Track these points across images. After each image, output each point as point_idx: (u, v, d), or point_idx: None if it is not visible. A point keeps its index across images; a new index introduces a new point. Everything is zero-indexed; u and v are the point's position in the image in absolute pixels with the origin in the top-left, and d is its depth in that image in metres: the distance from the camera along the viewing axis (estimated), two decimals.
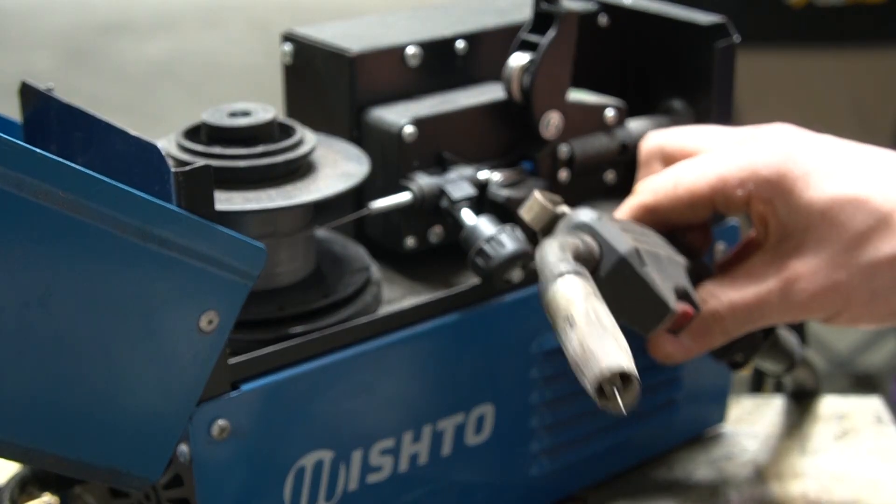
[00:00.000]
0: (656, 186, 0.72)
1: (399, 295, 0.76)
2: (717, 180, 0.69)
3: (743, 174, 0.69)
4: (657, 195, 0.71)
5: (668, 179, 0.71)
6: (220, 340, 0.64)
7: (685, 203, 0.71)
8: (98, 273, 0.58)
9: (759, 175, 0.68)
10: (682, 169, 0.71)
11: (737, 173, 0.69)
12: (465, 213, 0.74)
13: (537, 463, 0.81)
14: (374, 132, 0.77)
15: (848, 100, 2.03)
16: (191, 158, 0.69)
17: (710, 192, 0.70)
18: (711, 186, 0.70)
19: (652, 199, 0.72)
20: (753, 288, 0.69)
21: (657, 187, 0.72)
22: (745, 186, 0.69)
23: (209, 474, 0.67)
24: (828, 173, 0.68)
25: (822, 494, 0.85)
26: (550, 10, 0.77)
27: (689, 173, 0.71)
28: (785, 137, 0.71)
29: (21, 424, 0.59)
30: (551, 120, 0.79)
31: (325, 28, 0.81)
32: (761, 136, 0.72)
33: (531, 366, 0.78)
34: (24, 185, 0.54)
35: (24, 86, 0.68)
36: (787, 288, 0.68)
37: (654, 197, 0.72)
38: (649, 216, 0.72)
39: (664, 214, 0.72)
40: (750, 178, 0.68)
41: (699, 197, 0.70)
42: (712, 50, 0.82)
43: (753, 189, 0.68)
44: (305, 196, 0.69)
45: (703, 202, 0.71)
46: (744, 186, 0.69)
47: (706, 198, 0.70)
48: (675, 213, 0.71)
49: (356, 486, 0.73)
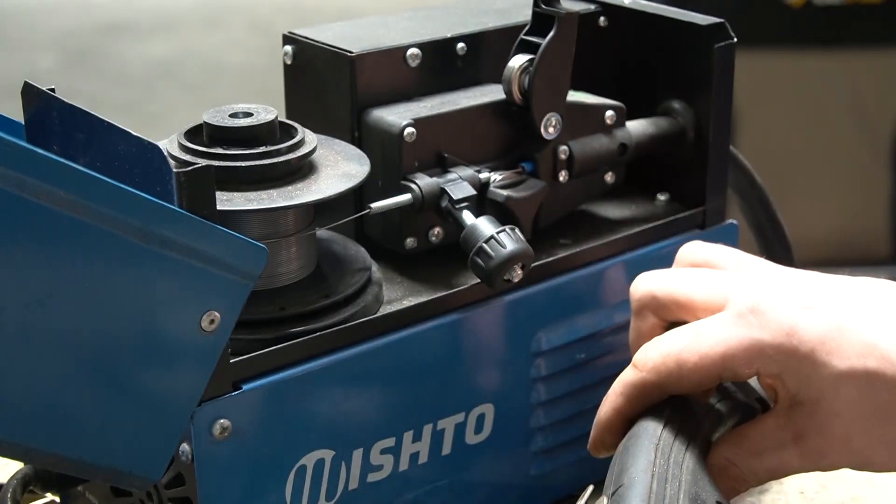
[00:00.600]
0: (658, 366, 0.70)
1: (399, 295, 0.76)
2: (723, 361, 0.68)
3: (748, 354, 0.67)
4: (660, 375, 0.70)
5: (669, 359, 0.69)
6: (221, 340, 0.64)
7: (692, 383, 0.70)
8: (99, 273, 0.59)
9: (764, 355, 0.67)
10: (683, 347, 0.69)
11: (742, 354, 0.67)
12: (465, 214, 0.75)
13: (537, 462, 0.81)
14: (375, 133, 0.77)
15: (847, 100, 2.03)
16: (192, 159, 0.69)
17: (716, 373, 0.69)
18: (717, 367, 0.68)
19: (655, 378, 0.70)
20: (772, 456, 0.69)
21: (660, 368, 0.70)
22: (752, 366, 0.67)
23: (211, 474, 0.67)
24: (835, 346, 0.66)
25: (820, 493, 0.85)
26: (550, 12, 0.78)
27: (691, 353, 0.69)
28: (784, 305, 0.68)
29: (23, 424, 0.59)
30: (551, 121, 0.79)
31: (326, 29, 0.82)
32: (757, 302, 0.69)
33: (531, 366, 0.79)
34: (26, 186, 0.55)
35: (26, 86, 0.68)
36: (805, 454, 0.68)
37: (657, 377, 0.70)
38: (654, 392, 0.71)
39: (667, 390, 0.71)
40: (756, 358, 0.67)
41: (705, 377, 0.69)
42: (711, 50, 0.82)
43: (761, 367, 0.67)
44: (306, 196, 0.69)
45: (709, 381, 0.70)
46: (750, 366, 0.68)
47: (712, 377, 0.69)
48: (679, 389, 0.71)
49: (357, 485, 0.73)
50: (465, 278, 0.77)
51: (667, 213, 0.85)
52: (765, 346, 0.67)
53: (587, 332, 0.80)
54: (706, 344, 0.68)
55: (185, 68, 4.60)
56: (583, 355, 0.81)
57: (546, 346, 0.79)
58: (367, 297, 0.73)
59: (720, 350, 0.68)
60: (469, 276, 0.76)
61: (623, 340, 0.83)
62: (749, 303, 0.68)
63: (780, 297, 0.68)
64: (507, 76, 0.79)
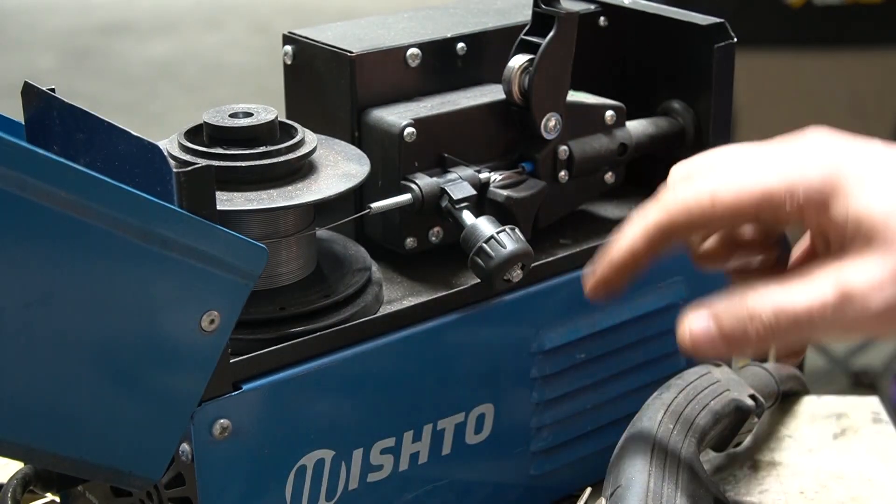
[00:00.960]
0: (689, 203, 0.63)
1: (399, 295, 0.76)
2: (762, 193, 0.61)
3: (790, 182, 0.60)
4: (691, 212, 0.63)
5: (702, 194, 0.63)
6: (221, 340, 0.64)
7: (724, 221, 0.63)
8: (100, 273, 0.59)
9: (808, 181, 0.60)
10: (717, 182, 0.63)
11: (783, 183, 0.61)
12: (465, 214, 0.75)
13: (537, 462, 0.81)
14: (375, 133, 0.77)
15: (847, 100, 2.03)
16: (192, 159, 0.69)
17: (754, 207, 0.62)
18: (755, 200, 0.61)
19: (685, 217, 0.63)
20: (805, 294, 0.59)
21: (690, 204, 0.63)
22: (794, 197, 0.60)
23: (211, 473, 0.67)
24: (888, 177, 0.60)
25: (820, 493, 0.85)
26: (550, 12, 0.78)
27: (727, 187, 0.62)
28: (829, 141, 0.63)
29: (23, 424, 0.59)
30: (551, 121, 0.79)
31: (326, 29, 0.82)
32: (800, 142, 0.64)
33: (531, 366, 0.79)
34: (27, 186, 0.55)
35: (26, 86, 0.68)
36: (844, 301, 0.58)
37: (687, 215, 0.63)
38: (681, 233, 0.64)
39: (696, 230, 0.65)
40: (799, 187, 0.60)
41: (741, 213, 0.62)
42: (711, 50, 0.83)
43: (803, 198, 0.60)
44: (306, 196, 0.69)
45: (746, 218, 0.63)
46: (792, 197, 0.60)
47: (749, 213, 0.62)
48: (710, 230, 0.66)
49: (357, 485, 0.73)
50: (465, 278, 0.77)
51: None
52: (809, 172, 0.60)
53: (587, 332, 0.80)
54: (743, 179, 0.62)
55: (186, 68, 4.60)
56: (583, 355, 0.81)
57: (546, 346, 0.79)
58: (367, 297, 0.73)
59: (759, 181, 0.61)
60: (469, 276, 0.76)
61: (623, 341, 0.83)
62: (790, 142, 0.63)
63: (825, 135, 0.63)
64: (507, 76, 0.79)
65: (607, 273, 0.67)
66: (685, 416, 0.74)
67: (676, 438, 0.72)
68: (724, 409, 0.76)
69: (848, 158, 0.61)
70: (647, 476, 0.69)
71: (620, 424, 0.77)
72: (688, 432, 0.73)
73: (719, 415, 0.76)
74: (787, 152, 0.62)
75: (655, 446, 0.71)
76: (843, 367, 2.61)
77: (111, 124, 0.63)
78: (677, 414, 0.74)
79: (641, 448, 0.71)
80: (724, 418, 0.77)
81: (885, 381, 2.57)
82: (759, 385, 0.84)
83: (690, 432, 0.73)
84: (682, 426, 0.73)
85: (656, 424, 0.73)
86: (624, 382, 0.84)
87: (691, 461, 0.72)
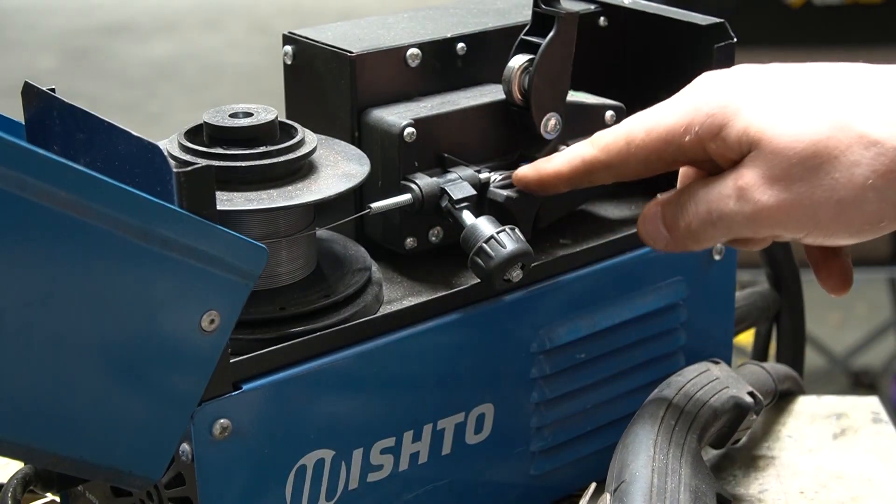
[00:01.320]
0: (609, 145, 0.73)
1: (399, 295, 0.76)
2: (666, 132, 0.71)
3: (687, 118, 0.70)
4: (610, 154, 0.73)
5: (619, 137, 0.73)
6: (221, 340, 0.64)
7: (639, 160, 0.72)
8: (100, 273, 0.59)
9: (701, 113, 0.69)
10: (632, 127, 0.73)
11: (681, 120, 0.70)
12: (465, 214, 0.75)
13: (537, 462, 0.81)
14: (375, 133, 0.77)
15: None
16: (192, 159, 0.69)
17: (661, 146, 0.71)
18: (661, 140, 0.71)
19: (605, 157, 0.73)
20: (715, 189, 0.69)
21: (610, 146, 0.73)
22: (692, 130, 0.70)
23: (211, 473, 0.67)
24: (773, 94, 0.68)
25: (820, 493, 0.85)
26: (550, 12, 0.78)
27: (638, 131, 0.72)
28: (717, 79, 0.72)
29: (23, 424, 0.59)
30: (551, 121, 0.79)
31: (326, 29, 0.82)
32: (694, 85, 0.73)
33: (531, 366, 0.79)
34: (27, 186, 0.55)
35: (26, 86, 0.68)
36: (742, 194, 0.68)
37: (607, 156, 0.73)
38: (601, 172, 0.74)
39: (617, 171, 0.74)
40: (695, 121, 0.70)
41: (652, 153, 0.72)
42: (711, 50, 0.83)
43: (700, 130, 0.69)
44: (306, 196, 0.69)
45: (657, 158, 0.72)
46: (690, 130, 0.70)
47: (659, 153, 0.72)
48: (630, 170, 0.73)
49: (357, 485, 0.73)
50: (465, 278, 0.77)
51: None
52: (701, 105, 0.70)
53: (587, 332, 0.80)
54: (650, 122, 0.72)
55: (186, 69, 4.61)
56: (583, 355, 0.81)
57: (546, 346, 0.79)
58: (367, 297, 0.73)
59: (662, 122, 0.71)
60: (469, 276, 0.76)
61: (623, 341, 0.83)
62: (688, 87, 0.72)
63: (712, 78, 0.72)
64: (507, 76, 0.79)
65: (532, 180, 0.77)
66: (686, 413, 0.74)
67: (678, 434, 0.72)
68: (723, 406, 0.76)
69: (733, 90, 0.70)
70: (650, 472, 0.69)
71: (620, 424, 0.77)
72: (689, 428, 0.74)
73: (719, 411, 0.76)
74: (684, 96, 0.72)
75: (658, 442, 0.71)
76: (843, 367, 2.61)
77: (111, 124, 0.63)
78: (678, 410, 0.74)
79: (644, 444, 0.71)
80: (723, 415, 0.77)
81: (885, 381, 2.57)
82: (756, 383, 0.84)
83: (692, 428, 0.74)
84: (683, 422, 0.74)
85: (658, 420, 0.73)
86: (624, 382, 0.84)
87: (694, 457, 0.72)
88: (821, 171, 0.66)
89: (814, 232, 0.68)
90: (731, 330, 0.91)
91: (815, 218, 0.67)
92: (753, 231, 0.69)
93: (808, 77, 0.69)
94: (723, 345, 0.90)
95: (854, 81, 0.68)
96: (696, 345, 0.87)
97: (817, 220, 0.67)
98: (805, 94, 0.68)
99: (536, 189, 0.77)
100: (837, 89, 0.68)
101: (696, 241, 0.72)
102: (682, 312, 0.85)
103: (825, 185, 0.66)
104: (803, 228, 0.68)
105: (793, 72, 0.70)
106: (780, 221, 0.68)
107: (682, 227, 0.72)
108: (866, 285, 2.68)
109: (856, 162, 0.65)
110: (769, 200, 0.67)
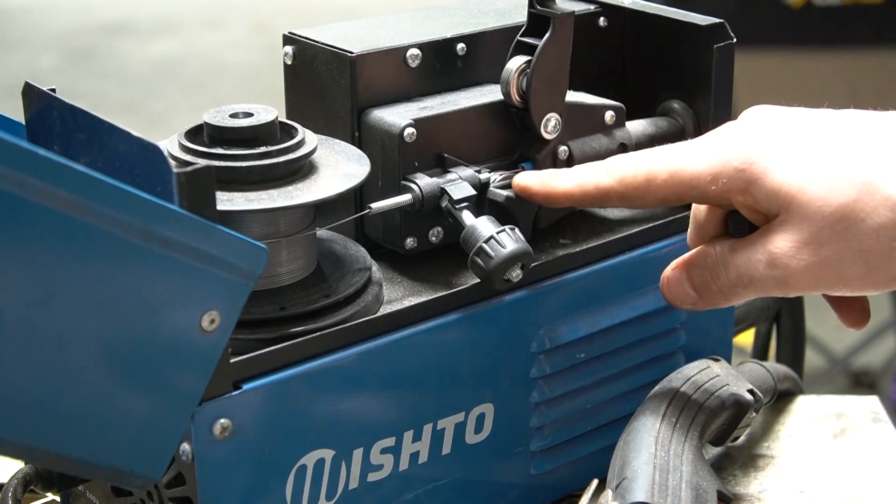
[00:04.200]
0: (627, 178, 0.73)
1: (399, 295, 0.76)
2: (691, 178, 0.70)
3: (715, 169, 0.69)
4: (627, 187, 0.73)
5: (639, 172, 0.72)
6: (221, 340, 0.64)
7: (658, 198, 0.72)
8: (100, 273, 0.59)
9: (730, 167, 0.69)
10: (653, 165, 0.72)
11: (709, 169, 0.70)
12: (465, 214, 0.75)
13: (537, 462, 0.82)
14: (375, 133, 0.77)
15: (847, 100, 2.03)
16: (192, 159, 0.69)
17: (684, 191, 0.71)
18: (685, 185, 0.71)
19: (621, 189, 0.73)
20: (745, 254, 0.70)
21: (628, 180, 0.73)
22: (718, 181, 0.69)
23: (211, 473, 0.67)
24: (800, 151, 0.68)
25: (819, 492, 0.85)
26: (545, 13, 0.78)
27: (660, 171, 0.71)
28: (750, 122, 0.71)
29: (24, 423, 0.59)
30: (550, 121, 0.80)
31: (326, 29, 0.82)
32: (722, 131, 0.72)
33: (531, 365, 0.79)
34: (27, 186, 0.55)
35: (26, 86, 0.68)
36: (772, 260, 0.69)
37: (623, 188, 0.73)
38: (614, 201, 0.74)
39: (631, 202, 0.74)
40: (723, 173, 0.69)
41: (672, 194, 0.72)
42: (711, 50, 0.83)
43: (728, 183, 0.69)
44: (306, 196, 0.69)
45: (677, 198, 0.72)
46: (716, 181, 0.69)
47: (680, 195, 0.72)
48: (645, 203, 0.73)
49: (357, 485, 0.73)
50: (465, 278, 0.77)
51: (666, 213, 0.85)
52: (730, 158, 0.69)
53: (587, 331, 0.80)
54: (674, 164, 0.71)
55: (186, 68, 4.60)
56: (583, 355, 0.81)
57: (546, 346, 0.79)
58: (367, 297, 0.73)
59: (687, 169, 0.70)
60: (469, 276, 0.76)
61: (623, 341, 0.83)
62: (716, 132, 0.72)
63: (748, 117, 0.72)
64: (505, 78, 0.79)
65: (538, 193, 0.76)
66: (687, 410, 0.75)
67: (680, 431, 0.73)
68: (723, 403, 0.77)
69: (762, 144, 0.69)
70: (652, 468, 0.70)
71: (620, 424, 0.77)
72: (690, 425, 0.74)
73: (719, 408, 0.76)
74: (710, 143, 0.71)
75: (659, 439, 0.72)
76: (843, 367, 2.61)
77: (112, 124, 0.63)
78: (679, 407, 0.74)
79: (645, 440, 0.71)
80: (723, 412, 0.77)
81: (885, 381, 2.57)
82: (756, 381, 0.85)
83: (693, 425, 0.74)
84: (684, 419, 0.74)
85: (660, 417, 0.73)
86: (624, 382, 0.84)
87: (695, 454, 0.72)
88: (848, 233, 0.67)
89: (842, 289, 0.70)
90: (730, 330, 0.91)
91: (843, 278, 0.68)
92: (784, 292, 0.70)
93: (833, 130, 0.69)
94: (722, 345, 0.90)
95: (878, 137, 0.68)
96: (695, 344, 0.87)
97: (846, 280, 0.68)
98: (831, 151, 0.68)
99: (540, 201, 0.77)
100: (862, 147, 0.68)
101: (726, 301, 0.73)
102: (681, 312, 0.85)
103: (853, 247, 0.67)
104: (832, 288, 0.69)
105: (817, 123, 0.70)
106: (810, 283, 0.69)
107: (714, 290, 0.72)
108: None
109: (882, 225, 0.66)
110: (799, 265, 0.68)
